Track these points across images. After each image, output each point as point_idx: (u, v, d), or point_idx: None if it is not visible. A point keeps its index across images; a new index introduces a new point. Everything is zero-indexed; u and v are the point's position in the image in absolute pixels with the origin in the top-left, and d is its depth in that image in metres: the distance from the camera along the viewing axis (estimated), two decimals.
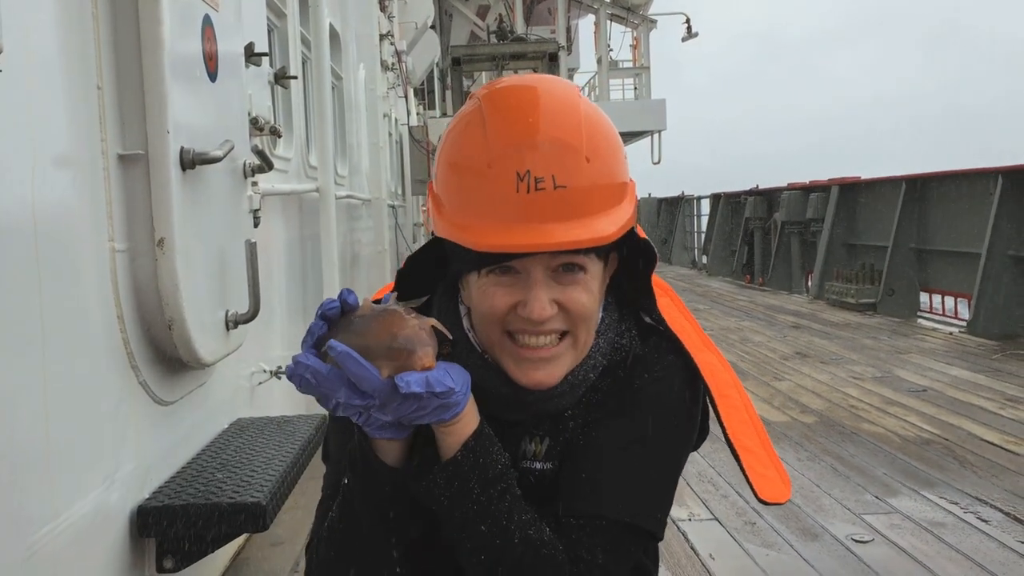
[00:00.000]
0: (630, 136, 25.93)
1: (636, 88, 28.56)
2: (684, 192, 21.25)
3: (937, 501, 3.98)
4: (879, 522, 3.75)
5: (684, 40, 27.17)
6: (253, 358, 3.65)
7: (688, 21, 26.92)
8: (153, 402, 2.46)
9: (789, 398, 6.16)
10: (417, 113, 17.03)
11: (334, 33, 6.78)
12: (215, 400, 2.99)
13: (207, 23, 2.69)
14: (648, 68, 27.92)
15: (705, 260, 18.53)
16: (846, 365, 7.29)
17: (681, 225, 21.10)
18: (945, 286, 10.07)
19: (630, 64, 28.76)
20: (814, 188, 13.26)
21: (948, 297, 10.03)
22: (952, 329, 9.08)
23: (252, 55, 3.42)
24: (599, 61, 27.35)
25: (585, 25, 29.85)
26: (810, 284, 12.86)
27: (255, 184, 3.31)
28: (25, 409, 1.80)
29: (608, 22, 27.15)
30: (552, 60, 11.38)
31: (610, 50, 27.37)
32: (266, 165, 3.26)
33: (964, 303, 9.45)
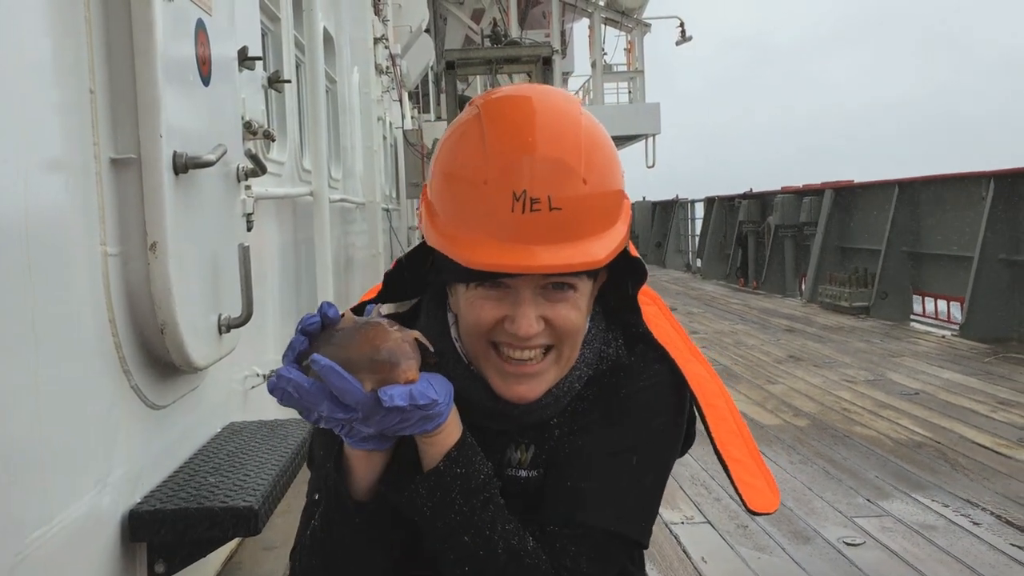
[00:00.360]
0: (624, 140, 25.99)
1: (630, 92, 28.64)
2: (678, 195, 21.28)
3: (929, 504, 3.99)
4: (871, 525, 3.76)
5: (678, 44, 27.26)
6: (246, 362, 3.64)
7: (682, 25, 27.02)
8: (145, 406, 2.46)
9: (782, 401, 6.17)
10: (412, 117, 17.03)
11: (328, 37, 6.79)
12: (208, 404, 2.99)
13: (200, 27, 2.69)
14: (642, 72, 28.00)
15: (699, 263, 18.56)
16: (839, 368, 7.31)
17: (675, 228, 21.13)
18: (938, 289, 10.10)
19: (624, 68, 28.84)
20: (808, 192, 13.29)
21: (941, 300, 10.06)
22: (944, 332, 9.11)
23: (246, 59, 3.42)
24: (593, 65, 27.41)
25: (579, 29, 29.96)
26: (804, 287, 12.90)
27: (248, 188, 3.31)
28: (17, 413, 1.80)
29: (602, 26, 27.22)
30: (546, 64, 11.39)
31: (604, 54, 27.44)
32: (259, 169, 3.25)
33: (957, 306, 9.48)
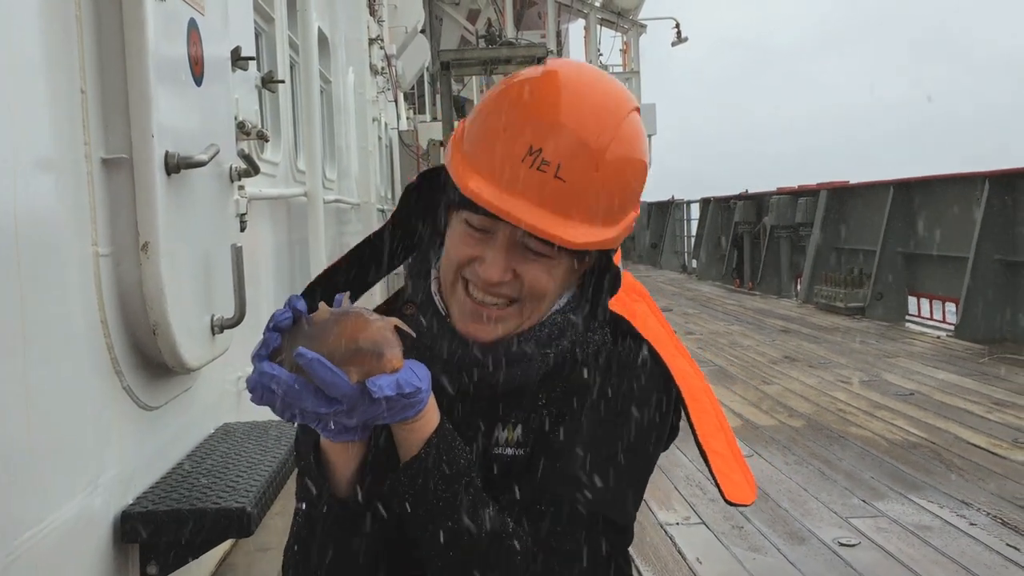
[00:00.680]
0: None
1: None
2: (674, 196, 21.29)
3: (924, 504, 3.99)
4: (866, 525, 3.75)
5: (674, 45, 27.26)
6: (239, 363, 3.63)
7: (678, 26, 27.01)
8: (137, 407, 2.45)
9: (777, 402, 6.17)
10: (407, 118, 17.02)
11: (323, 37, 6.78)
12: (200, 405, 2.98)
13: (192, 27, 2.68)
14: (638, 72, 27.99)
15: (695, 264, 18.56)
16: (834, 369, 7.31)
17: (671, 229, 21.13)
18: (933, 290, 10.11)
19: (620, 68, 28.84)
20: (803, 192, 13.30)
21: (936, 301, 10.07)
22: (940, 333, 9.12)
23: (239, 59, 3.41)
24: None
25: (575, 29, 29.95)
26: (799, 288, 12.90)
27: (242, 188, 3.30)
28: (7, 414, 1.79)
29: (598, 26, 27.21)
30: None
31: (600, 55, 27.42)
32: (252, 169, 3.25)
33: (952, 307, 9.49)
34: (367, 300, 1.33)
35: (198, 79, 2.72)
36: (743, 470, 1.31)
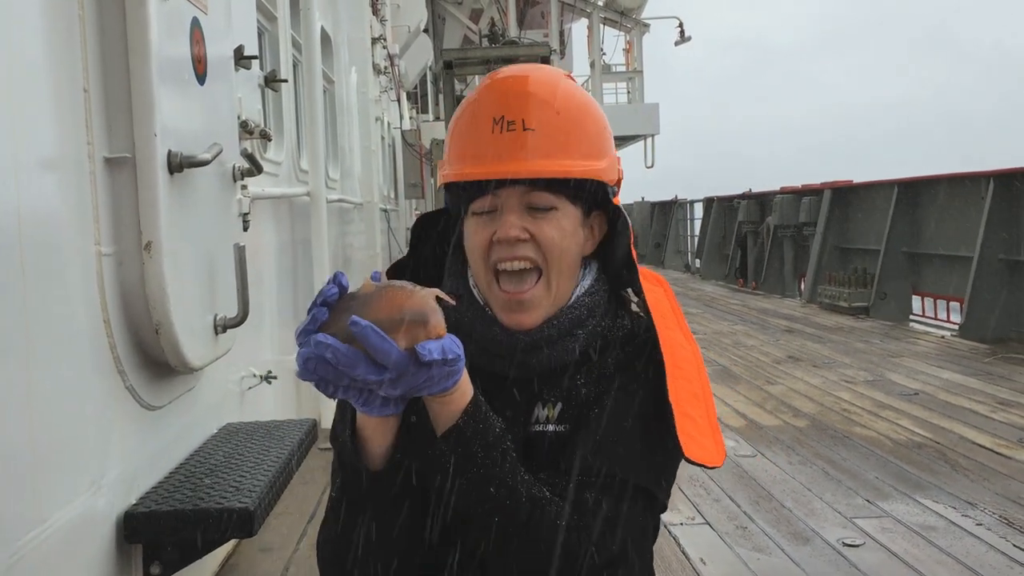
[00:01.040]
0: (623, 140, 25.97)
1: (629, 92, 28.62)
2: (677, 196, 21.27)
3: (928, 505, 3.98)
4: (870, 526, 3.74)
5: (677, 44, 27.22)
6: (242, 362, 3.63)
7: (681, 25, 26.98)
8: (140, 407, 2.44)
9: (781, 402, 6.16)
10: (410, 117, 17.02)
11: (325, 36, 6.78)
12: (203, 405, 2.97)
13: (195, 26, 2.68)
14: (641, 72, 27.99)
15: (698, 264, 18.55)
16: (838, 369, 7.30)
17: (674, 229, 21.11)
18: (937, 290, 10.09)
19: (623, 68, 28.83)
20: (807, 192, 13.28)
21: (940, 301, 10.05)
22: (944, 333, 9.10)
23: (242, 58, 3.41)
24: (592, 65, 27.39)
25: (578, 29, 29.94)
26: (803, 288, 12.88)
27: (245, 188, 3.29)
28: (10, 414, 1.79)
29: (601, 26, 27.20)
30: (545, 64, 11.35)
31: (603, 54, 27.42)
32: (255, 169, 3.24)
33: (956, 307, 9.47)
34: None
35: (201, 78, 2.71)
36: (715, 438, 1.34)
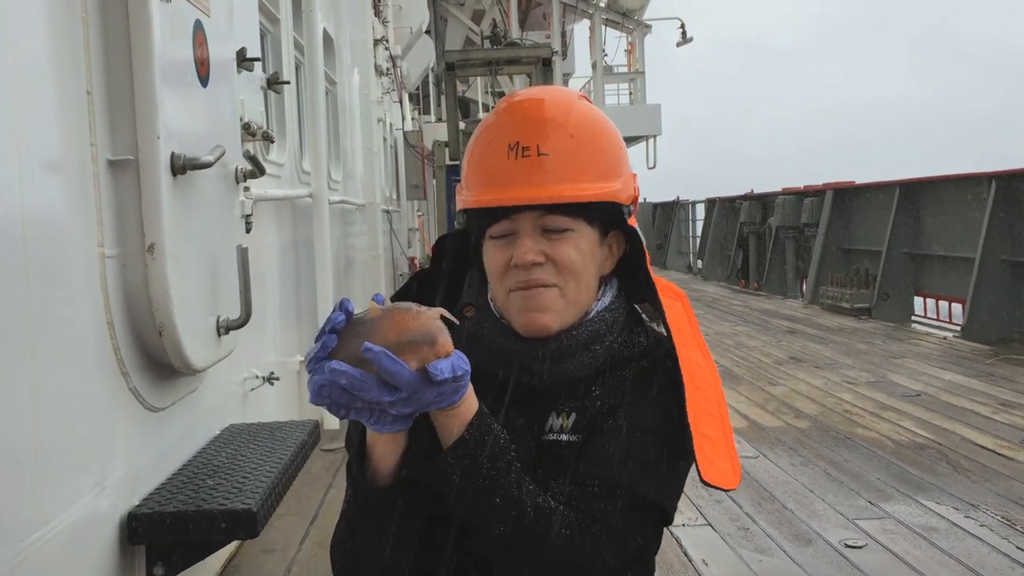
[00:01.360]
0: (626, 141, 25.93)
1: (631, 93, 28.62)
2: (679, 197, 21.26)
3: (931, 506, 3.98)
4: (872, 527, 3.74)
5: (679, 45, 27.22)
6: (245, 364, 3.64)
7: (683, 26, 26.98)
8: (143, 408, 2.45)
9: (783, 403, 6.16)
10: (412, 118, 17.03)
11: (328, 38, 6.78)
12: (206, 406, 2.98)
13: (198, 28, 2.68)
14: (643, 73, 27.97)
15: (700, 265, 18.54)
16: (840, 370, 7.30)
17: (676, 230, 21.11)
18: (939, 291, 10.08)
19: (625, 69, 28.82)
20: (809, 193, 13.27)
21: (942, 301, 10.04)
22: (946, 334, 9.09)
23: (244, 60, 3.42)
24: (594, 66, 27.37)
25: (580, 30, 29.90)
26: (805, 289, 12.87)
27: (247, 189, 3.30)
28: (14, 415, 1.79)
29: (603, 27, 27.19)
30: (546, 65, 11.32)
31: (605, 55, 27.40)
32: (258, 170, 3.25)
33: (958, 307, 9.47)
34: None
35: (204, 80, 2.72)
36: (731, 460, 1.35)
